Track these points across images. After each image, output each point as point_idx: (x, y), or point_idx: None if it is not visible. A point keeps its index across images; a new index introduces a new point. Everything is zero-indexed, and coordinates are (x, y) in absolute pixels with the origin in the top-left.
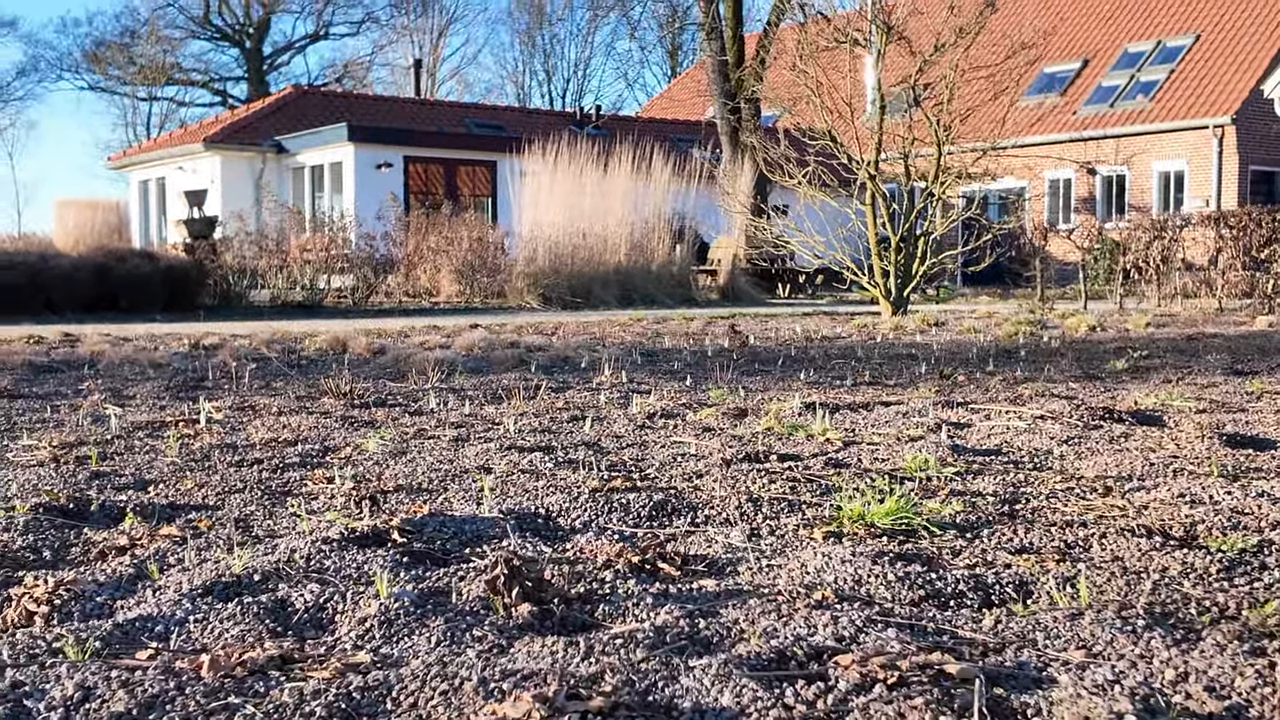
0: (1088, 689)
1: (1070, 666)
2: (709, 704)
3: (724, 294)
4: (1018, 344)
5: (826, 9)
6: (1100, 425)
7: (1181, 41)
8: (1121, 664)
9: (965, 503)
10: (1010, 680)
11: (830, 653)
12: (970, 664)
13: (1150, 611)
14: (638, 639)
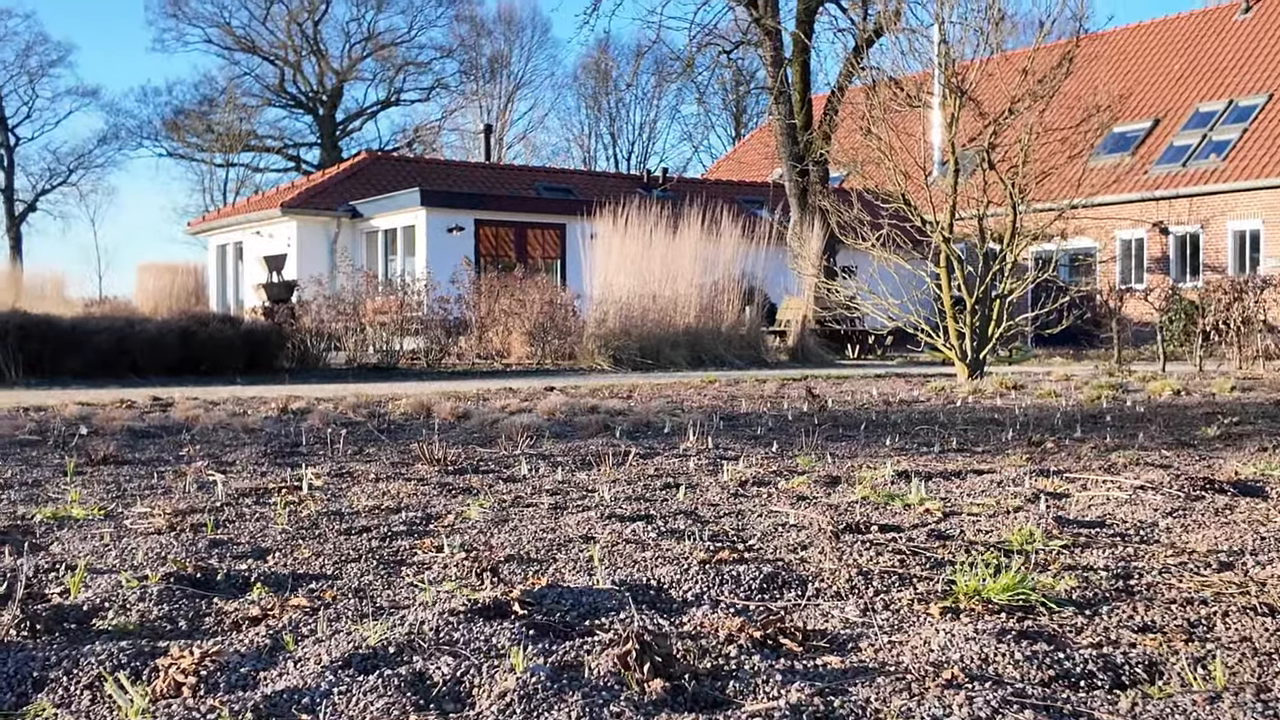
0: None
1: None
2: None
3: (793, 355)
4: (1101, 408)
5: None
6: (1202, 496)
7: (1254, 101)
8: None
9: (1078, 577)
10: None
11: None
12: None
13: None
14: (774, 718)
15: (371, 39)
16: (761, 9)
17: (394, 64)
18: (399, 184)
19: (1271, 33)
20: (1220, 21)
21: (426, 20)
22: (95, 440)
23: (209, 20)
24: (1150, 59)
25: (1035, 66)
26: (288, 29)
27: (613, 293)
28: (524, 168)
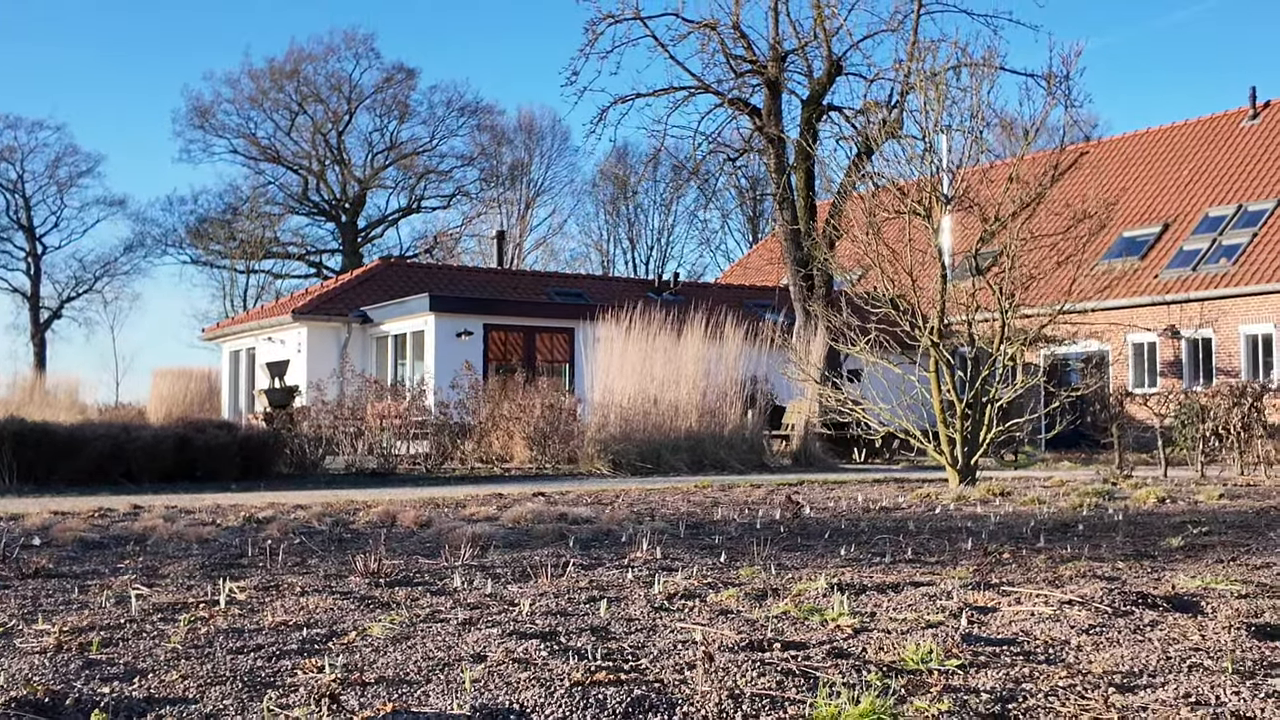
0: None
1: None
2: None
3: (797, 459)
4: (1078, 517)
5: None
6: (1130, 612)
7: (1263, 206)
8: None
9: (956, 700)
10: None
11: None
12: None
13: None
14: None
15: (394, 148)
16: (764, 118)
17: (416, 172)
18: (411, 290)
19: (1278, 138)
20: (1228, 127)
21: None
22: (39, 552)
23: (235, 132)
24: (1159, 164)
25: (1022, 174)
26: (312, 139)
27: (614, 396)
28: (536, 272)
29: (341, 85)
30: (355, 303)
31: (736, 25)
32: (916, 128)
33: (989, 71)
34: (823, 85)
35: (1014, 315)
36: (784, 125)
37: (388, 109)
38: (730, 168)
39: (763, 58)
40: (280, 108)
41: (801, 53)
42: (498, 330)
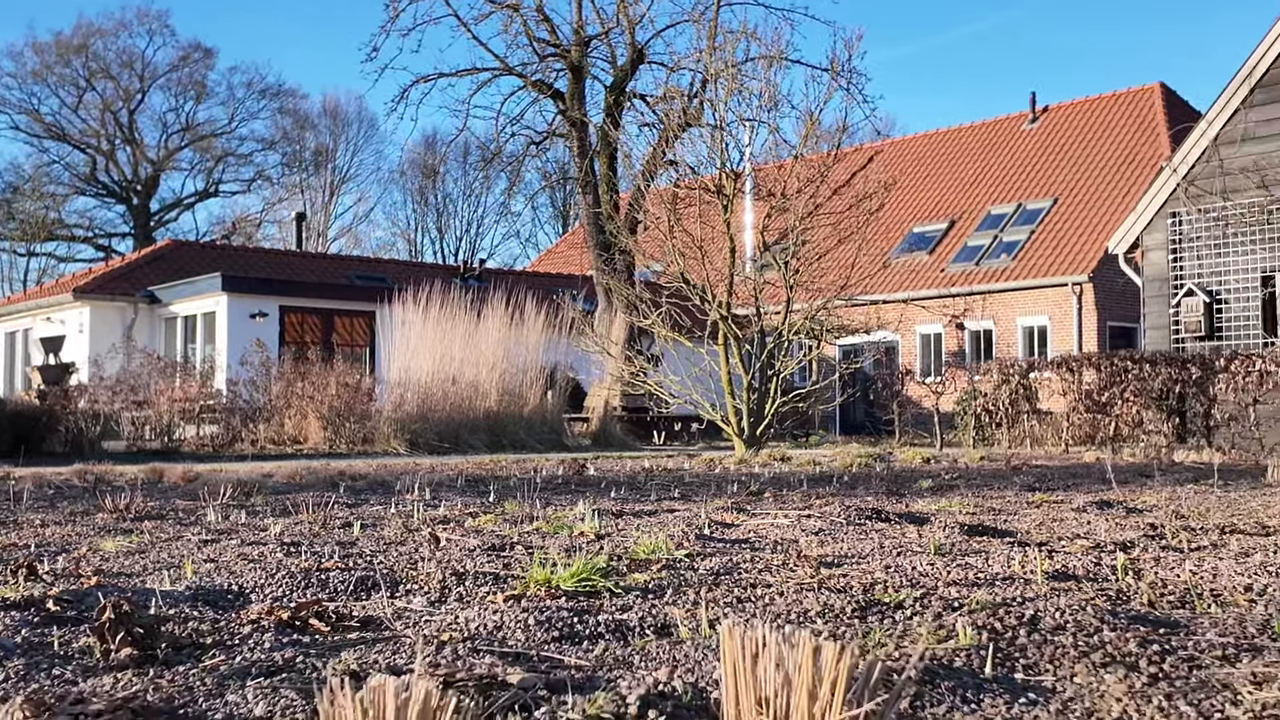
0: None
1: (632, 668)
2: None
3: (596, 440)
4: (848, 473)
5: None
6: (863, 523)
7: (1040, 204)
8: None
9: (673, 575)
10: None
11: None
12: (533, 675)
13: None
14: (220, 671)
15: (190, 129)
16: (568, 102)
17: (213, 155)
18: (203, 270)
19: (1056, 141)
20: (1010, 130)
21: (248, 112)
22: None
23: (16, 107)
24: (947, 164)
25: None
26: (101, 117)
27: (412, 377)
28: (337, 256)
29: (133, 62)
30: (143, 282)
31: (540, 8)
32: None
33: (780, 63)
34: (626, 72)
35: (799, 290)
36: (587, 110)
37: (183, 88)
38: (535, 151)
39: (566, 42)
40: (66, 83)
41: (605, 39)
42: (294, 312)
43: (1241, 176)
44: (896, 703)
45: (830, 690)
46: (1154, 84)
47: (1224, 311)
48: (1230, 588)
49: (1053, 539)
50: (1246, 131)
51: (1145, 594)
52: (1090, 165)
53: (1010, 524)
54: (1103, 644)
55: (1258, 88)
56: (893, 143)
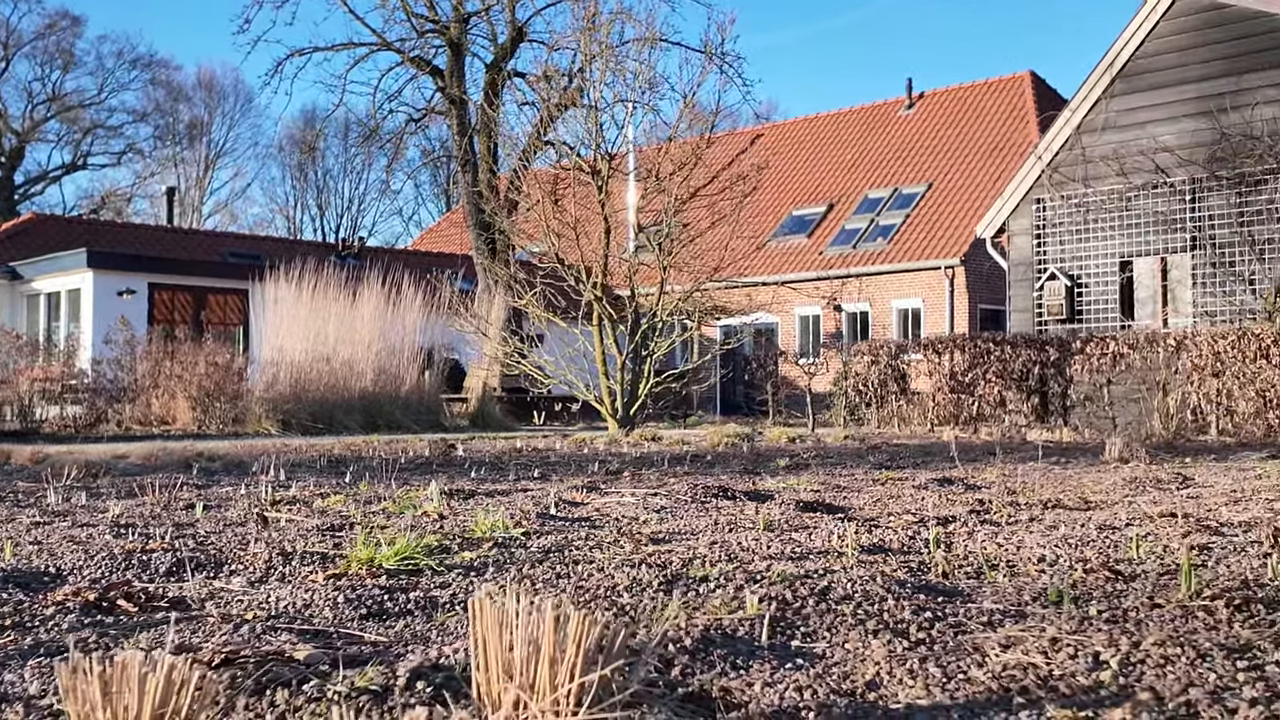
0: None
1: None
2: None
3: (474, 420)
4: (714, 452)
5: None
6: (707, 501)
7: (916, 189)
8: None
9: (503, 553)
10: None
11: (191, 650)
12: (318, 652)
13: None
14: (7, 650)
15: (57, 99)
16: (447, 79)
17: (81, 126)
18: (69, 246)
19: (931, 127)
20: (887, 115)
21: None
22: None
23: None
24: (826, 148)
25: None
26: None
27: (285, 356)
28: (211, 232)
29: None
30: (3, 258)
31: None
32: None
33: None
34: (506, 50)
35: (673, 272)
36: (467, 88)
37: (50, 57)
38: (414, 128)
39: (445, 18)
40: None
41: (485, 16)
42: (165, 290)
43: (1102, 164)
44: (640, 668)
45: (574, 658)
46: (1024, 72)
47: (1085, 295)
48: (1027, 559)
49: (882, 515)
50: (1107, 121)
51: (942, 566)
52: (964, 151)
53: (848, 500)
54: (881, 613)
55: (1118, 78)
56: (774, 126)
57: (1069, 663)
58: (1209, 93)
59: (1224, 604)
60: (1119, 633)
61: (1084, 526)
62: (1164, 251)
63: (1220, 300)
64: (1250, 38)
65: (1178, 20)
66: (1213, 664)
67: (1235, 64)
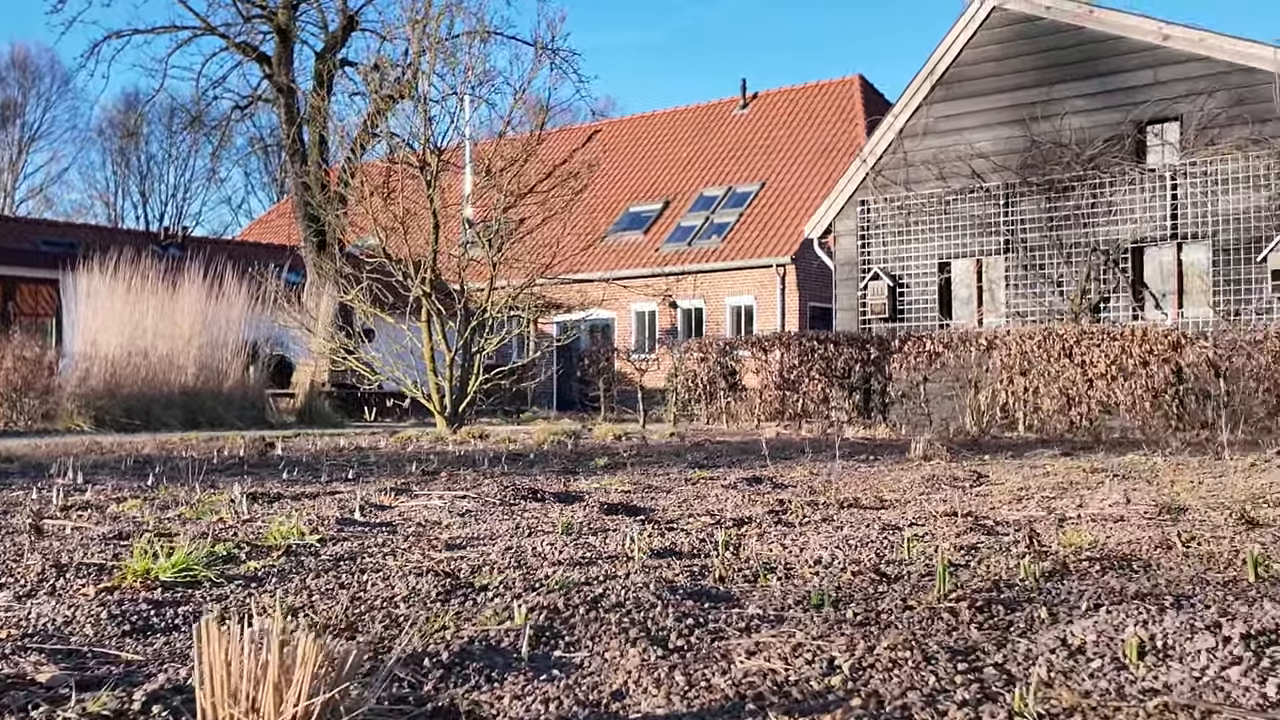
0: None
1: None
2: None
3: (302, 416)
4: (538, 451)
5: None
6: (517, 503)
7: (749, 188)
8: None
9: (292, 562)
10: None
11: None
12: (63, 673)
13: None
14: None
15: None
16: (275, 66)
17: None
18: None
19: (765, 127)
20: (722, 115)
21: None
22: None
23: None
24: (664, 145)
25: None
26: None
27: (100, 349)
28: (22, 219)
29: None
30: None
31: None
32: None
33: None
34: (337, 38)
35: (503, 268)
36: (296, 76)
37: None
38: (240, 115)
39: (273, 4)
40: None
41: (315, 3)
42: None
43: (923, 168)
44: (378, 688)
45: (302, 681)
46: (854, 76)
47: (906, 295)
48: (806, 561)
49: (683, 516)
50: (928, 126)
51: (720, 570)
52: (795, 151)
53: (655, 502)
54: (646, 621)
55: (938, 85)
56: (612, 123)
57: (806, 668)
58: (1022, 101)
59: (967, 606)
60: (861, 637)
61: (870, 527)
62: (980, 253)
63: (1031, 301)
64: (1060, 50)
65: (994, 31)
66: (937, 666)
67: (1046, 75)
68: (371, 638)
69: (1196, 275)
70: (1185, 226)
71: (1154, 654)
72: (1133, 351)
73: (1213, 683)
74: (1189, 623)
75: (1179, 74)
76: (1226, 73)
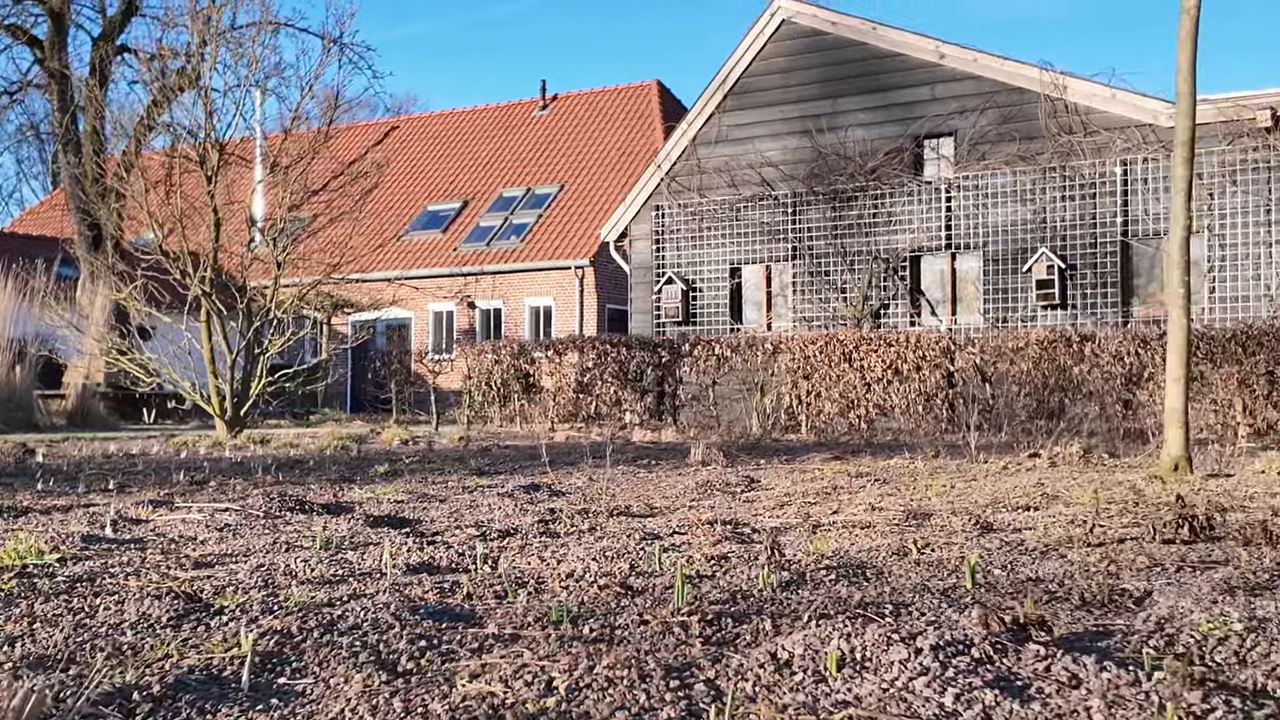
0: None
1: None
2: None
3: (74, 419)
4: (320, 456)
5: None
6: (282, 515)
7: (548, 190)
8: None
9: (24, 584)
10: None
11: None
12: None
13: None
14: None
15: None
16: (47, 50)
17: None
18: None
19: (564, 130)
20: (523, 115)
21: None
22: None
23: None
24: (463, 144)
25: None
26: None
27: None
28: None
29: None
30: None
31: None
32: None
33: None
34: (115, 23)
35: (289, 267)
36: (71, 62)
37: None
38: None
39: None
40: None
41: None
42: None
43: (715, 175)
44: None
45: None
46: (652, 81)
47: (699, 299)
48: (561, 574)
49: (450, 528)
50: (720, 134)
51: (467, 588)
52: (594, 155)
53: (425, 513)
54: (379, 644)
55: (730, 94)
56: (411, 120)
57: (525, 690)
58: (809, 113)
59: (699, 620)
60: (587, 655)
61: (631, 537)
62: (770, 260)
63: (817, 307)
64: (845, 64)
65: (783, 44)
66: (650, 685)
67: (832, 88)
68: (80, 670)
69: (969, 284)
70: (958, 237)
71: (852, 666)
72: (907, 357)
73: (899, 694)
74: (889, 634)
75: (954, 91)
76: (997, 91)
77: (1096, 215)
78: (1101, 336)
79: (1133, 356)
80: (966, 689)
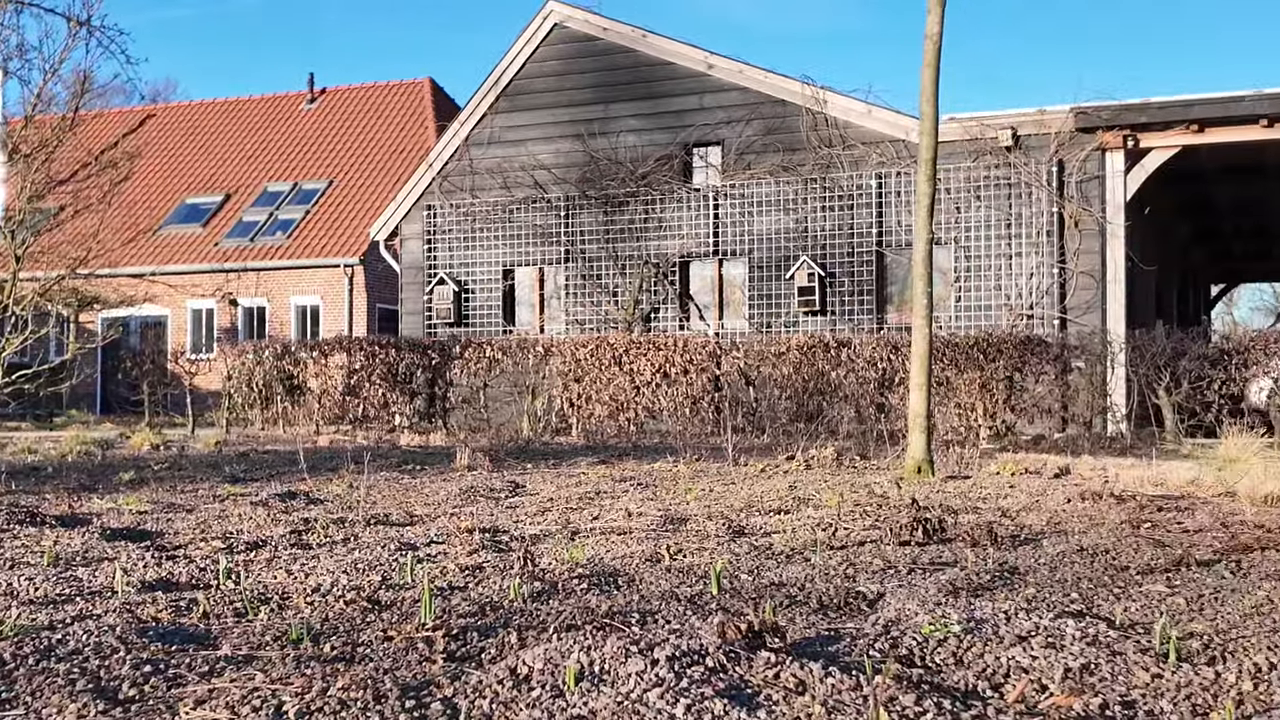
0: None
1: None
2: None
3: None
4: (65, 462)
5: None
6: (10, 529)
7: (317, 185)
8: None
9: None
10: None
11: None
12: None
13: None
14: None
15: None
16: None
17: None
18: None
19: (332, 124)
20: (290, 108)
21: None
22: None
23: None
24: (226, 135)
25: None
26: None
27: None
28: None
29: None
30: None
31: None
32: None
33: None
34: None
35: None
36: None
37: None
38: None
39: None
40: None
41: None
42: None
43: (488, 177)
44: None
45: None
46: (425, 79)
47: (472, 300)
48: (307, 589)
49: (195, 540)
50: (493, 135)
51: (204, 606)
52: (365, 151)
53: (171, 524)
54: (100, 670)
55: (503, 96)
56: (169, 108)
57: (251, 716)
58: (581, 118)
59: (444, 634)
60: (323, 676)
61: (386, 548)
62: (542, 262)
63: (589, 310)
64: (617, 70)
65: (556, 47)
66: (385, 706)
67: (604, 93)
68: None
69: (736, 289)
70: (726, 244)
71: (590, 679)
72: (676, 360)
73: (633, 707)
74: (629, 646)
75: (722, 101)
76: (762, 103)
77: (854, 226)
78: (857, 342)
79: (885, 361)
80: (698, 699)
